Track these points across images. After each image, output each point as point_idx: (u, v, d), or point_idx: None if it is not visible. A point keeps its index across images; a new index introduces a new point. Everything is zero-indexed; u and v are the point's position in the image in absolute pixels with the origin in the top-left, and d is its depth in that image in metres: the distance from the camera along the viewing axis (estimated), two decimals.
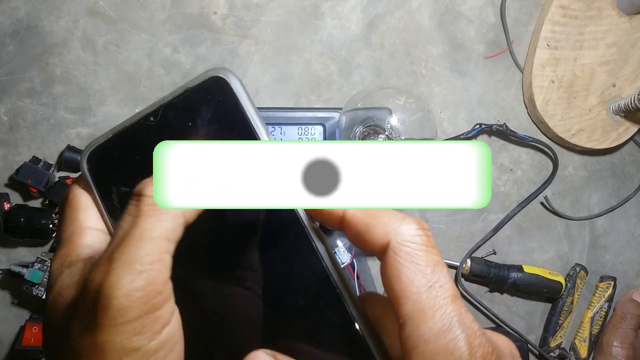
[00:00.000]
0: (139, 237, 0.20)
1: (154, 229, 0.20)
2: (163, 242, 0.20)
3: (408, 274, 0.19)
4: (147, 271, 0.19)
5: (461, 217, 0.71)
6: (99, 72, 0.67)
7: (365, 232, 0.21)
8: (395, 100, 0.60)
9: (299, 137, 0.63)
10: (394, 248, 0.20)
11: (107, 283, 0.19)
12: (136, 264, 0.19)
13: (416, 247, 0.20)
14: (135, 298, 0.19)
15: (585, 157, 0.74)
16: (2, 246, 0.65)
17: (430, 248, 0.20)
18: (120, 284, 0.19)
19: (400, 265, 0.20)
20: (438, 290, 0.19)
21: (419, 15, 0.71)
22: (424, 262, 0.20)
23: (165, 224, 0.20)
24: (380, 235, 0.20)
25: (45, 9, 0.66)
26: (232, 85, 0.23)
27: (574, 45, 0.70)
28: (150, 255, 0.19)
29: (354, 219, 0.21)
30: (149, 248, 0.19)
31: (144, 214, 0.20)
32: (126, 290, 0.19)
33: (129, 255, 0.19)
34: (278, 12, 0.69)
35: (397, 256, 0.20)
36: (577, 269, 0.72)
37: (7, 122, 0.66)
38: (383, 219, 0.20)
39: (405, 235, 0.20)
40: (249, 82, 0.68)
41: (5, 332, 0.65)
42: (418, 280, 0.19)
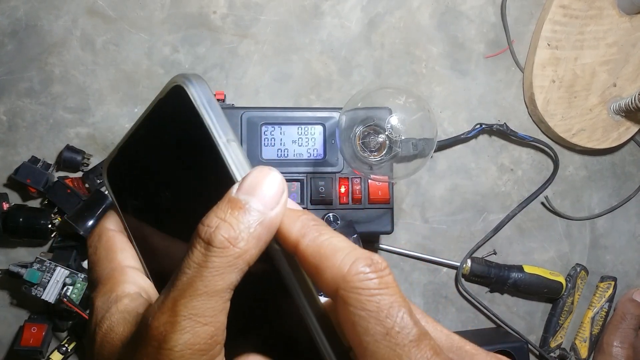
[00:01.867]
0: (204, 290, 0.19)
1: (219, 282, 0.19)
2: (227, 293, 0.19)
3: (361, 322, 0.18)
4: (210, 324, 0.19)
5: (461, 217, 0.71)
6: (98, 71, 0.67)
7: (315, 274, 0.19)
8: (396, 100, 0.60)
9: (299, 136, 0.62)
10: (343, 297, 0.18)
11: (172, 336, 0.18)
12: (201, 317, 0.19)
13: (367, 292, 0.18)
14: (195, 350, 0.18)
15: (585, 157, 0.74)
16: (1, 246, 0.65)
17: (383, 289, 0.18)
18: (185, 337, 0.18)
19: (351, 314, 0.18)
20: (396, 336, 0.18)
21: (419, 14, 0.71)
22: (376, 308, 0.18)
23: (230, 276, 0.19)
24: (329, 281, 0.19)
25: (44, 9, 0.66)
26: (189, 94, 0.22)
27: (575, 44, 0.70)
28: (214, 308, 0.19)
29: (304, 256, 0.20)
30: (214, 301, 0.19)
31: (212, 265, 0.19)
32: (189, 342, 0.18)
33: (194, 309, 0.19)
34: (278, 11, 0.69)
35: (347, 304, 0.18)
36: (577, 269, 0.72)
37: (6, 121, 0.65)
38: (333, 261, 0.19)
39: (354, 281, 0.18)
40: (249, 81, 0.68)
41: (4, 332, 0.65)
42: (372, 328, 0.18)
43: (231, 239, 0.19)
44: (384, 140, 0.60)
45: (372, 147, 0.60)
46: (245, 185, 0.20)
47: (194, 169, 0.22)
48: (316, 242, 0.20)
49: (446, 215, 0.71)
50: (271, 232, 0.20)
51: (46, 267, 0.60)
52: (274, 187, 0.20)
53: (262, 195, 0.20)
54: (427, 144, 0.59)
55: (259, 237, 0.19)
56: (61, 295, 0.59)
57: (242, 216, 0.19)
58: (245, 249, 0.19)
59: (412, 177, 0.69)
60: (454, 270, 0.71)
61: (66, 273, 0.60)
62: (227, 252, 0.19)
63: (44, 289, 0.59)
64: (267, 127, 0.62)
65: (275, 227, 0.20)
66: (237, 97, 0.68)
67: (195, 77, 0.22)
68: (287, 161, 0.62)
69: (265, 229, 0.20)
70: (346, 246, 0.19)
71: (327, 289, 0.19)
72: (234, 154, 0.21)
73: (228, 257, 0.19)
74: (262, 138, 0.62)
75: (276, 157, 0.62)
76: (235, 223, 0.19)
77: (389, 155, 0.60)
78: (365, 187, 0.62)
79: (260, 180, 0.20)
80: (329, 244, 0.20)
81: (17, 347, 0.60)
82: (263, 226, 0.20)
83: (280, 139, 0.62)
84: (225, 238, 0.19)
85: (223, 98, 0.63)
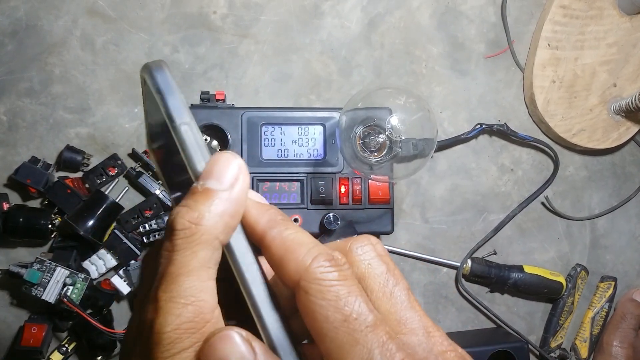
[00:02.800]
0: (177, 272, 0.20)
1: (190, 261, 0.20)
2: (202, 271, 0.20)
3: (321, 311, 0.19)
4: (192, 303, 0.20)
5: (462, 217, 0.71)
6: (98, 71, 0.67)
7: (279, 265, 0.21)
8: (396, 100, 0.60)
9: (299, 137, 0.62)
10: (304, 287, 0.20)
11: (157, 321, 0.20)
12: (180, 298, 0.20)
13: (327, 283, 0.19)
14: (183, 330, 0.19)
15: (586, 157, 0.74)
16: (1, 246, 0.65)
17: (342, 281, 0.20)
18: (169, 319, 0.19)
19: (312, 303, 0.19)
20: (353, 322, 0.19)
21: (419, 14, 0.71)
22: (334, 297, 0.19)
23: (201, 253, 0.20)
24: (291, 272, 0.20)
25: (44, 9, 0.66)
26: (146, 81, 0.23)
27: (575, 45, 0.70)
28: (192, 288, 0.20)
29: (270, 248, 0.21)
30: (190, 281, 0.20)
31: (177, 248, 0.20)
32: (174, 324, 0.19)
33: (172, 292, 0.20)
34: (278, 11, 0.69)
35: (308, 294, 0.19)
36: (577, 269, 0.72)
37: (6, 122, 0.65)
38: (297, 254, 0.20)
39: (315, 273, 0.20)
40: (249, 81, 0.68)
41: (4, 332, 0.64)
42: (331, 315, 0.19)
43: (192, 219, 0.20)
44: (384, 141, 0.60)
45: (372, 147, 0.60)
46: (204, 172, 0.22)
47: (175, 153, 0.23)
48: (282, 235, 0.21)
49: (446, 215, 0.71)
50: (235, 208, 0.21)
51: (46, 267, 0.60)
52: (229, 167, 0.22)
53: (218, 175, 0.21)
54: (427, 144, 0.59)
55: (221, 213, 0.21)
56: (61, 295, 0.59)
57: (200, 197, 0.21)
58: (209, 225, 0.20)
59: (412, 177, 0.69)
60: (454, 271, 0.71)
61: (66, 273, 0.60)
62: (190, 232, 0.20)
63: (44, 289, 0.59)
64: (267, 127, 0.62)
65: (239, 203, 0.21)
66: (237, 97, 0.68)
67: (155, 63, 0.23)
68: (287, 161, 0.62)
69: (226, 204, 0.21)
70: (310, 241, 0.21)
71: (289, 279, 0.20)
72: (187, 137, 0.22)
73: (193, 236, 0.20)
74: (262, 138, 0.61)
75: (276, 157, 0.62)
76: (194, 205, 0.21)
77: (389, 155, 0.60)
78: (365, 187, 0.62)
79: (215, 163, 0.22)
80: (295, 237, 0.21)
81: (17, 347, 0.60)
82: (223, 201, 0.21)
83: (280, 139, 0.62)
84: (186, 220, 0.20)
85: (223, 98, 0.63)
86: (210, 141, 0.61)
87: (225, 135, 0.60)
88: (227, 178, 0.21)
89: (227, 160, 0.22)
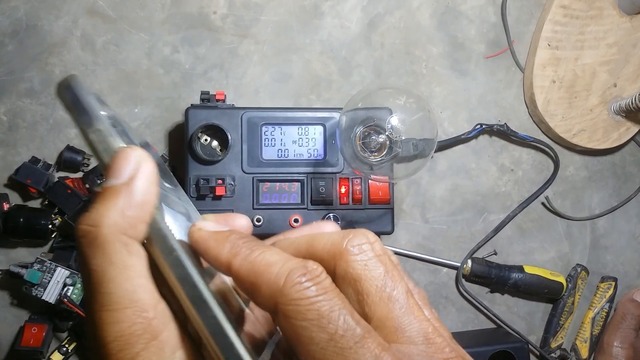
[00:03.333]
0: (99, 280, 0.19)
1: (107, 266, 0.19)
2: (125, 271, 0.20)
3: (304, 333, 0.18)
4: (128, 306, 0.19)
5: (462, 217, 0.71)
6: (98, 72, 0.67)
7: (252, 293, 0.19)
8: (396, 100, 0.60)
9: (299, 137, 0.62)
10: (282, 311, 0.18)
11: (98, 334, 0.19)
12: (112, 305, 0.19)
13: (305, 302, 0.18)
14: (129, 335, 0.19)
15: (586, 157, 0.74)
16: (2, 246, 0.65)
17: (321, 296, 0.18)
18: (108, 330, 0.19)
19: (293, 326, 0.18)
20: (341, 340, 0.17)
21: (419, 14, 0.71)
22: (316, 316, 0.18)
23: (113, 255, 0.19)
24: (266, 297, 0.19)
25: (44, 9, 0.66)
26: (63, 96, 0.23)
27: (575, 45, 0.70)
28: (121, 290, 0.19)
29: (238, 277, 0.20)
30: (115, 285, 0.19)
31: (88, 255, 0.20)
32: (116, 333, 0.19)
33: (102, 302, 0.19)
34: (278, 11, 0.69)
35: (288, 317, 0.18)
36: (578, 270, 0.72)
37: (6, 122, 0.65)
38: (268, 276, 0.19)
39: (291, 293, 0.18)
40: (249, 81, 0.68)
41: (4, 332, 0.64)
42: (316, 336, 0.18)
43: (92, 222, 0.20)
44: (385, 141, 0.60)
45: (373, 147, 0.60)
46: (105, 172, 0.21)
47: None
48: (248, 260, 0.19)
49: (446, 215, 0.71)
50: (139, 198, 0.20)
51: (46, 267, 0.60)
52: (126, 160, 0.21)
53: (116, 171, 0.21)
54: (428, 144, 0.59)
55: (121, 207, 0.20)
56: (61, 295, 0.59)
57: (99, 197, 0.20)
58: (111, 223, 0.20)
59: (413, 178, 0.69)
60: (454, 271, 0.71)
61: (67, 273, 0.60)
62: (93, 236, 0.20)
63: (44, 290, 0.59)
64: (268, 127, 0.62)
65: (143, 192, 0.21)
66: (237, 97, 0.68)
67: (63, 81, 0.23)
68: (288, 161, 0.62)
69: (126, 197, 0.20)
70: (279, 259, 0.19)
71: (266, 304, 0.19)
72: (96, 145, 0.22)
73: (96, 240, 0.20)
74: (262, 138, 0.61)
75: (276, 158, 0.62)
76: (93, 207, 0.20)
77: (390, 155, 0.60)
78: (365, 188, 0.62)
79: (114, 160, 0.21)
80: (262, 259, 0.19)
81: (17, 348, 0.60)
82: (123, 195, 0.20)
83: (280, 139, 0.62)
84: (85, 225, 0.20)
85: (223, 98, 0.63)
86: (210, 141, 0.61)
87: (225, 136, 0.60)
88: (124, 171, 0.21)
89: (124, 153, 0.21)
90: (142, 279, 0.20)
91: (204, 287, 0.20)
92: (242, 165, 0.61)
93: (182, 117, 0.65)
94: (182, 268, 0.20)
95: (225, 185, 0.59)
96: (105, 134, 0.22)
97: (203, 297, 0.20)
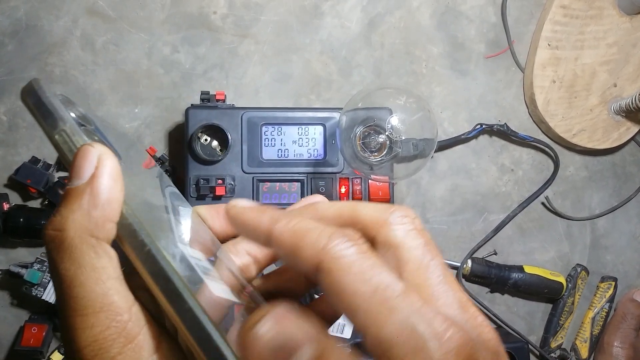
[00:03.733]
0: (69, 285, 0.19)
1: (76, 270, 0.19)
2: (95, 274, 0.19)
3: (348, 286, 0.18)
4: (101, 310, 0.19)
5: (462, 217, 0.71)
6: (98, 71, 0.67)
7: (293, 254, 0.20)
8: (396, 100, 0.60)
9: (299, 137, 0.62)
10: (327, 267, 0.19)
11: (73, 341, 0.19)
12: (84, 310, 0.19)
13: (349, 258, 0.19)
14: (103, 339, 0.19)
15: (586, 157, 0.74)
16: (2, 246, 0.65)
17: (363, 254, 0.19)
18: (82, 336, 0.19)
19: (337, 281, 0.18)
20: (384, 292, 0.18)
21: (419, 14, 0.71)
22: (359, 270, 0.18)
23: (81, 258, 0.19)
24: (309, 256, 0.19)
25: (44, 9, 0.66)
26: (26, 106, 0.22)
27: (575, 45, 0.70)
28: (92, 294, 0.19)
29: (279, 241, 0.20)
30: (86, 290, 0.19)
31: (56, 261, 0.19)
32: (90, 338, 0.19)
33: (74, 307, 0.19)
34: (278, 11, 0.69)
35: (332, 273, 0.19)
36: (578, 270, 0.72)
37: (6, 122, 0.65)
38: (310, 239, 0.19)
39: (334, 251, 0.19)
40: (249, 81, 0.68)
41: (4, 332, 0.64)
42: (360, 288, 0.18)
43: (56, 227, 0.19)
44: (385, 141, 0.60)
45: (373, 147, 0.60)
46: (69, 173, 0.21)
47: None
48: (289, 227, 0.20)
49: (446, 215, 0.71)
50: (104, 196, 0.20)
51: (46, 267, 0.60)
52: (85, 158, 0.20)
53: (76, 171, 0.20)
54: (428, 144, 0.59)
55: (86, 208, 0.19)
56: None
57: (62, 200, 0.20)
58: (76, 226, 0.19)
59: (413, 178, 0.69)
60: (454, 271, 0.71)
61: None
62: (59, 240, 0.19)
63: (44, 289, 0.59)
64: (268, 127, 0.62)
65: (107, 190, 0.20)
66: (237, 97, 0.68)
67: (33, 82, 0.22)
68: (288, 161, 0.62)
69: (89, 197, 0.20)
70: (319, 225, 0.20)
71: (307, 264, 0.19)
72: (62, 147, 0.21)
73: (62, 244, 0.19)
74: (262, 138, 0.61)
75: (276, 158, 0.62)
76: (57, 211, 0.20)
77: (390, 155, 0.60)
78: (365, 188, 0.62)
79: (74, 160, 0.20)
80: (302, 225, 0.20)
81: (17, 347, 0.60)
82: (86, 195, 0.20)
83: (280, 139, 0.62)
84: (50, 230, 0.19)
85: (223, 98, 0.63)
86: (210, 141, 0.61)
87: (225, 136, 0.60)
88: (84, 170, 0.20)
89: (83, 152, 0.20)
90: (114, 280, 0.19)
91: (178, 280, 0.19)
92: (242, 165, 0.61)
93: (182, 117, 0.65)
94: (154, 263, 0.19)
95: (225, 185, 0.59)
96: (70, 134, 0.21)
97: (178, 291, 0.19)
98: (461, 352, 0.17)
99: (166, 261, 0.20)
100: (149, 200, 0.24)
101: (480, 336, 0.20)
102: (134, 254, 0.20)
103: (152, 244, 0.20)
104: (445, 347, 0.17)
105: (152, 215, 0.23)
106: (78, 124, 0.22)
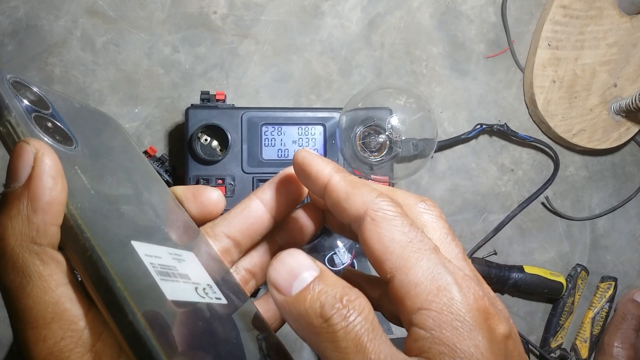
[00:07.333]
0: (16, 297, 0.18)
1: (21, 280, 0.18)
2: (42, 282, 0.18)
3: (387, 233, 0.21)
4: (53, 320, 0.18)
5: (462, 217, 0.71)
6: (98, 71, 0.67)
7: (345, 200, 0.22)
8: (396, 100, 0.60)
9: (299, 137, 0.62)
10: (371, 214, 0.21)
11: (30, 355, 0.18)
12: (35, 321, 0.18)
13: (392, 212, 0.21)
14: (60, 349, 0.18)
15: (586, 157, 0.74)
16: None
17: (404, 215, 0.22)
18: (37, 349, 0.18)
19: (379, 227, 0.21)
20: (418, 243, 0.21)
21: (419, 14, 0.71)
22: (400, 223, 0.21)
23: (25, 267, 0.18)
24: (358, 204, 0.22)
25: (44, 9, 0.66)
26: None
27: (575, 45, 0.70)
28: (42, 304, 0.18)
29: (336, 187, 0.23)
30: (34, 300, 0.18)
31: (1, 272, 0.18)
32: (46, 350, 0.18)
33: (25, 320, 0.18)
34: (278, 11, 0.69)
35: (375, 220, 0.21)
36: (578, 270, 0.72)
37: None
38: (363, 191, 0.22)
39: (381, 204, 0.22)
40: (249, 81, 0.68)
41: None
42: (398, 237, 0.21)
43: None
44: (385, 141, 0.60)
45: (373, 147, 0.60)
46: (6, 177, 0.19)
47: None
48: (347, 179, 0.23)
49: (446, 215, 0.71)
50: (44, 199, 0.18)
51: None
52: (20, 158, 0.18)
53: (13, 173, 0.18)
54: (428, 144, 0.59)
55: (25, 212, 0.18)
56: None
57: (1, 208, 0.18)
58: (15, 233, 0.18)
59: (413, 178, 0.69)
60: None
61: None
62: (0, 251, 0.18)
63: None
64: (268, 127, 0.62)
65: (46, 191, 0.18)
66: (237, 97, 0.68)
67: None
68: (288, 161, 0.62)
69: (27, 200, 0.18)
70: (372, 186, 0.23)
71: (355, 212, 0.22)
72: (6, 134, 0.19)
73: (3, 255, 0.18)
74: (262, 138, 0.62)
75: (276, 158, 0.62)
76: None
77: (390, 155, 0.60)
78: None
79: (11, 160, 0.19)
80: (358, 180, 0.23)
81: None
82: (23, 198, 0.18)
83: (280, 139, 0.62)
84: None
85: (223, 98, 0.63)
86: (210, 141, 0.61)
87: (225, 136, 0.60)
88: (21, 171, 0.18)
89: (18, 150, 0.18)
90: (64, 287, 0.18)
91: (120, 291, 0.17)
92: (242, 165, 0.61)
93: (182, 117, 0.65)
94: (95, 270, 0.18)
95: (225, 185, 0.59)
96: (15, 125, 0.19)
97: (119, 302, 0.17)
98: (479, 299, 0.20)
99: (107, 269, 0.18)
100: (111, 188, 0.22)
101: (495, 299, 0.23)
102: (76, 259, 0.18)
103: (93, 249, 0.18)
104: (465, 290, 0.20)
105: (110, 208, 0.21)
106: (31, 111, 0.20)
